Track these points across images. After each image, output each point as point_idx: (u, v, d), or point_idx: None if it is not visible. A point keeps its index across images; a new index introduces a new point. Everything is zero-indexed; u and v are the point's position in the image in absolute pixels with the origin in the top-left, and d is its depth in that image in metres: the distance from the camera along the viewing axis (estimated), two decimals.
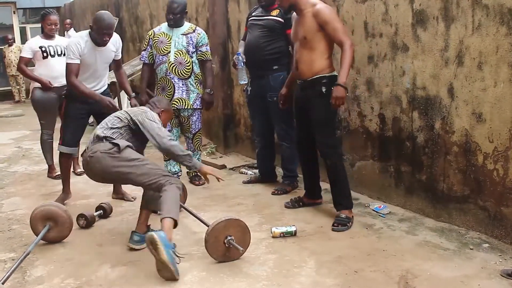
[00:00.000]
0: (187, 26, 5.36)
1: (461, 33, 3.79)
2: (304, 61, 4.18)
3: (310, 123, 4.34)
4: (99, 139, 3.83)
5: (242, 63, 4.95)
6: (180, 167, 5.57)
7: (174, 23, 5.27)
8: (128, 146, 3.79)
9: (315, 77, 4.16)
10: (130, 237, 3.90)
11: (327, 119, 4.24)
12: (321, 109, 4.19)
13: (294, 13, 4.32)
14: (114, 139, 3.80)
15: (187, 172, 5.64)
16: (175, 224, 3.51)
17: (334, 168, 4.29)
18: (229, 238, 3.55)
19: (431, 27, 4.01)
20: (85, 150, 3.90)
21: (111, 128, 3.88)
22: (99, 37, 4.58)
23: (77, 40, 4.62)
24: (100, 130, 3.90)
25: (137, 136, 3.90)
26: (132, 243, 3.87)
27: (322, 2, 4.20)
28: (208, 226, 3.64)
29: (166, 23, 5.38)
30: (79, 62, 4.60)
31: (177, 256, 3.40)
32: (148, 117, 3.86)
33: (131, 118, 3.90)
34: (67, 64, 4.62)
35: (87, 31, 4.71)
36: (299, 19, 4.21)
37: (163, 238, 3.28)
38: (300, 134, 4.56)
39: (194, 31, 5.33)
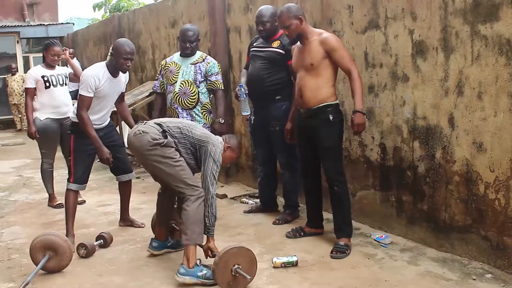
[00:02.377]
0: (198, 55, 5.23)
1: (460, 64, 3.83)
2: (310, 88, 4.22)
3: (314, 151, 4.36)
4: (158, 125, 3.88)
5: (244, 95, 4.95)
6: None
7: (191, 52, 5.16)
8: (173, 147, 3.82)
9: (320, 105, 4.20)
10: (149, 243, 4.33)
11: (335, 146, 4.30)
12: (329, 137, 4.24)
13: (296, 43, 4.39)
14: (170, 134, 3.83)
15: None
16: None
17: (340, 195, 4.30)
18: (236, 266, 3.56)
19: (430, 58, 4.05)
20: (141, 122, 3.98)
21: (178, 131, 3.88)
22: (123, 63, 4.50)
23: (95, 73, 4.52)
24: (166, 123, 3.93)
25: (194, 155, 3.92)
26: (152, 248, 4.31)
27: (327, 32, 4.28)
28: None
29: (179, 53, 5.29)
30: (92, 96, 4.52)
31: (207, 268, 3.70)
32: (214, 156, 3.84)
33: (195, 144, 3.89)
34: (81, 96, 4.51)
35: (103, 63, 4.66)
36: (304, 48, 4.26)
37: (184, 272, 3.66)
38: (305, 163, 4.57)
39: (204, 60, 5.19)
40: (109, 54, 4.61)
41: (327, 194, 4.42)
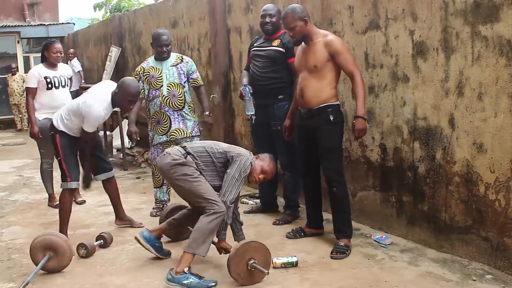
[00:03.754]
0: (174, 57, 5.40)
1: (461, 64, 3.82)
2: (312, 89, 4.21)
3: (315, 152, 4.36)
4: (182, 148, 3.99)
5: (249, 94, 4.98)
6: (169, 196, 5.58)
7: (167, 55, 5.31)
8: (192, 166, 3.87)
9: (322, 105, 4.20)
10: (142, 231, 4.28)
11: (335, 146, 4.30)
12: (329, 137, 4.24)
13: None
14: (192, 155, 3.91)
15: None
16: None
17: (340, 195, 4.30)
18: (252, 261, 3.64)
19: (431, 58, 4.05)
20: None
21: (202, 150, 3.96)
22: (126, 104, 4.62)
23: (104, 113, 4.55)
24: (190, 145, 4.06)
25: (220, 174, 3.96)
26: (141, 235, 4.21)
27: (332, 34, 4.28)
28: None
29: (153, 57, 5.42)
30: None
31: (195, 276, 3.67)
32: (239, 164, 3.88)
33: (223, 158, 3.96)
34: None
35: (109, 99, 4.57)
36: (309, 49, 4.25)
37: (171, 279, 3.66)
38: (304, 163, 4.56)
39: (182, 60, 5.38)
40: (115, 90, 4.60)
41: (327, 195, 4.42)
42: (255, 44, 5.18)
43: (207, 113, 5.45)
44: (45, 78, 5.75)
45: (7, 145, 11.68)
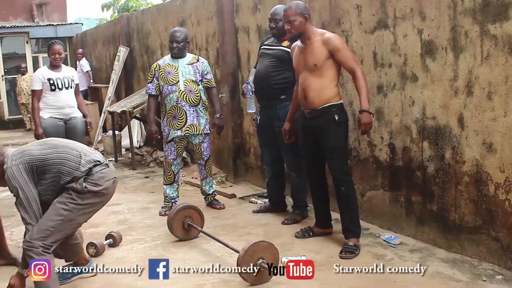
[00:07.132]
0: (190, 56, 5.57)
1: (470, 63, 3.81)
2: (314, 89, 4.21)
3: (320, 152, 4.36)
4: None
5: (251, 92, 5.00)
6: (177, 193, 5.67)
7: (178, 52, 5.44)
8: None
9: (326, 105, 4.20)
10: None
11: (341, 146, 4.29)
12: (335, 137, 4.24)
13: (294, 43, 4.40)
14: None
15: (205, 197, 5.77)
16: None
17: (347, 195, 4.30)
18: (261, 261, 3.65)
19: (440, 57, 4.04)
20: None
21: None
22: None
23: None
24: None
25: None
26: None
27: (329, 32, 4.28)
28: (236, 250, 3.83)
29: (169, 55, 5.56)
30: None
31: None
32: None
33: None
34: None
35: None
36: (306, 48, 4.26)
37: None
38: (310, 164, 4.56)
39: (198, 60, 5.56)
40: None
41: (335, 194, 4.41)
42: (265, 43, 5.18)
43: (218, 115, 5.57)
44: (48, 80, 5.81)
45: (16, 145, 11.73)
